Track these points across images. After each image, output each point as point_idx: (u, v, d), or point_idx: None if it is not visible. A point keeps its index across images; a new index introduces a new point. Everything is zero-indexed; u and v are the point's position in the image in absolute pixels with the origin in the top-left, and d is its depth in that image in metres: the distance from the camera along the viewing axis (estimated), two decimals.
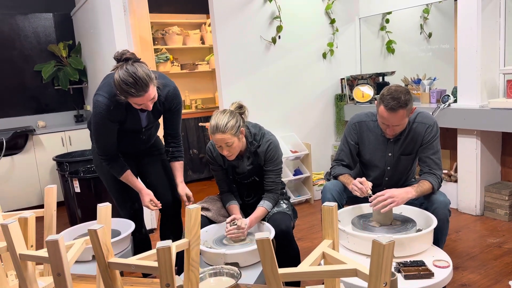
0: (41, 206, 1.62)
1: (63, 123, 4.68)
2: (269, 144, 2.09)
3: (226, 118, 1.93)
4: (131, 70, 1.81)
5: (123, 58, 1.86)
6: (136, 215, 2.34)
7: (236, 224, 1.97)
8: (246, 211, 2.19)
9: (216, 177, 2.23)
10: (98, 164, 2.29)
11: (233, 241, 1.98)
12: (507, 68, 3.11)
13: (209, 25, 4.30)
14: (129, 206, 2.31)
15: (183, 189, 2.24)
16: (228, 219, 2.00)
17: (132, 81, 1.80)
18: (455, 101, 3.29)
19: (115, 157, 2.12)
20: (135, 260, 1.11)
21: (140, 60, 1.91)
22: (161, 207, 2.18)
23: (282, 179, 2.27)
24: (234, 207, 2.13)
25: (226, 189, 2.22)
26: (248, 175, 2.16)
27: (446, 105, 3.26)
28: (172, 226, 2.40)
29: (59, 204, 3.96)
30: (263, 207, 2.09)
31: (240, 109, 2.05)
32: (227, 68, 3.58)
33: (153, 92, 1.89)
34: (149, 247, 2.45)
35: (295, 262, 2.09)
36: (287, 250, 2.09)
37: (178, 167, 2.27)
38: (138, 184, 2.18)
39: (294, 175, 3.82)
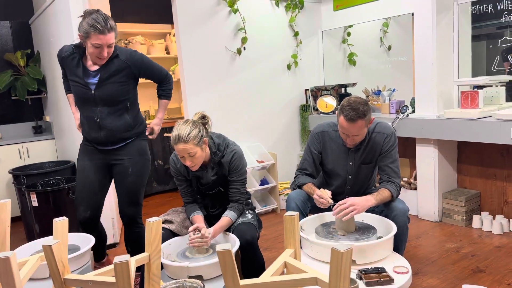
0: None
1: (20, 135, 4.49)
2: (233, 154, 2.09)
3: (188, 128, 1.92)
4: (102, 14, 2.08)
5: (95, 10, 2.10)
6: (86, 224, 2.34)
7: (200, 233, 1.94)
8: (211, 222, 2.17)
9: (180, 189, 2.20)
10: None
11: (197, 253, 1.95)
12: (461, 80, 3.27)
13: (174, 35, 4.28)
14: (81, 210, 2.32)
15: (153, 123, 2.49)
16: (191, 228, 1.97)
17: (101, 18, 2.05)
18: (414, 111, 3.42)
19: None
20: (92, 276, 1.07)
21: None
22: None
23: (247, 189, 2.27)
24: (198, 217, 2.11)
25: (190, 200, 2.19)
26: (213, 185, 2.15)
27: (405, 115, 3.39)
28: (133, 239, 2.41)
29: (16, 219, 3.83)
30: (227, 217, 2.08)
31: (203, 119, 2.04)
32: (192, 79, 3.56)
33: (111, 39, 2.10)
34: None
35: (261, 272, 2.07)
36: (252, 261, 2.09)
37: (160, 104, 2.54)
38: (74, 108, 2.40)
39: (261, 185, 3.84)
